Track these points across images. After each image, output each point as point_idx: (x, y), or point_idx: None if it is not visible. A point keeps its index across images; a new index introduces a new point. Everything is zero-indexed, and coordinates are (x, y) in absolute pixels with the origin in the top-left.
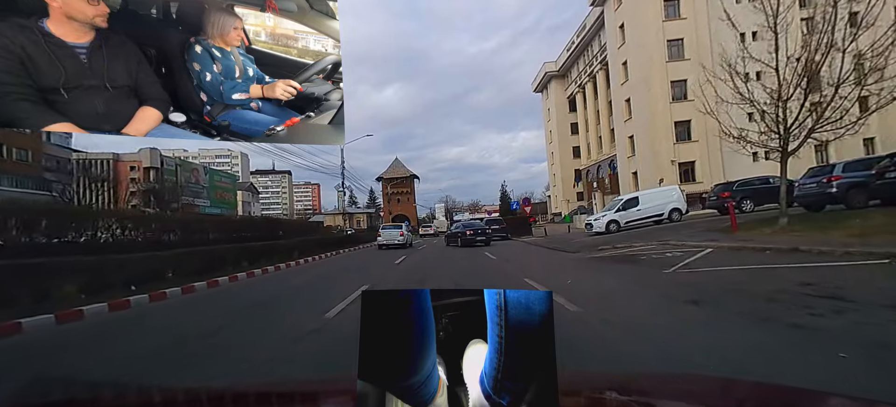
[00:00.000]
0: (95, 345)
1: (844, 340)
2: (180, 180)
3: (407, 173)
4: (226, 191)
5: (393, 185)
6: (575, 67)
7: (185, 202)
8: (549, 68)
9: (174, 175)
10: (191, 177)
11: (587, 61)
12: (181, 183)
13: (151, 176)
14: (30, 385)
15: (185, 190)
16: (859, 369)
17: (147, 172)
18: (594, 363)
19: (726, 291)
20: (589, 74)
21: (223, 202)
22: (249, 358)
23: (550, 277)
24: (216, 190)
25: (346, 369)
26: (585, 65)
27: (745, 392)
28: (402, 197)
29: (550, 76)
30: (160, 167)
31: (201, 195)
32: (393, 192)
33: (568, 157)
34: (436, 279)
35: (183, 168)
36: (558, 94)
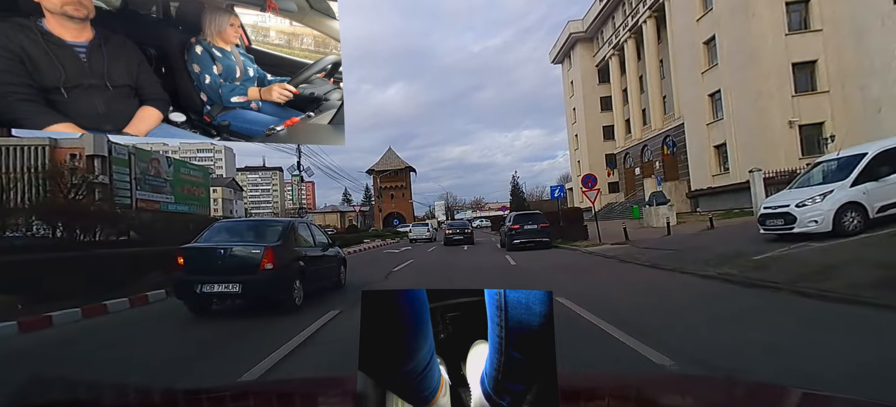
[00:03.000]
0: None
1: None
2: (134, 172)
3: (401, 165)
4: (195, 185)
5: (385, 179)
6: (609, 24)
7: (140, 198)
8: (575, 28)
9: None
10: (148, 168)
11: (628, 12)
12: (136, 175)
13: (96, 166)
14: (30, 385)
15: (141, 183)
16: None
17: (90, 161)
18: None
19: None
20: (631, 28)
21: (192, 198)
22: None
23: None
24: (182, 184)
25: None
26: (625, 17)
27: (745, 392)
28: (396, 192)
29: (575, 39)
30: (107, 155)
31: (162, 190)
32: (386, 187)
33: (597, 139)
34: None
35: (138, 157)
36: (585, 63)
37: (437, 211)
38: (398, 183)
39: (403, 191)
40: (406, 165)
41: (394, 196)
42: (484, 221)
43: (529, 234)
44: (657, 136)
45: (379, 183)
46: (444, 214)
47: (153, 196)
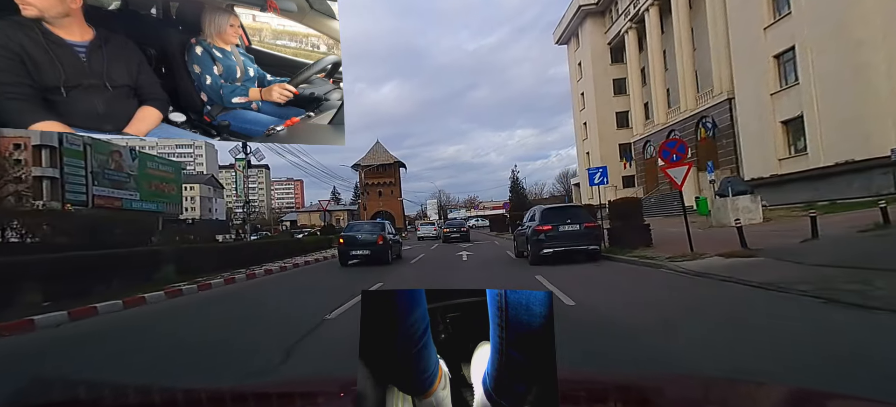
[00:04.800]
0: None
1: None
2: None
3: (390, 160)
4: (164, 181)
5: (372, 175)
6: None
7: (98, 194)
8: (585, 1)
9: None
10: (108, 161)
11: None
12: (93, 168)
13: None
14: (30, 385)
15: (98, 177)
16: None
17: (37, 153)
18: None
19: None
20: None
21: (161, 196)
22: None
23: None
24: (149, 179)
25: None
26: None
27: (745, 393)
28: (385, 189)
29: (585, 13)
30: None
31: (126, 185)
32: (373, 183)
33: (609, 127)
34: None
35: (95, 149)
36: (595, 40)
37: (430, 210)
38: (386, 179)
39: (392, 188)
40: (395, 160)
41: (382, 193)
42: (479, 221)
43: (569, 238)
44: (689, 118)
45: (365, 178)
46: (436, 214)
47: (114, 192)
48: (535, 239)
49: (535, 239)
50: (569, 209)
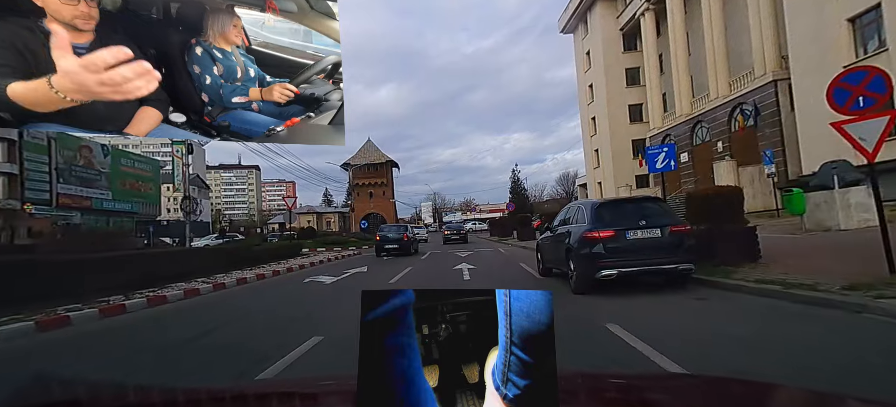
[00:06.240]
0: None
1: None
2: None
3: (382, 159)
4: (140, 180)
5: (363, 174)
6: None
7: (64, 192)
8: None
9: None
10: (76, 157)
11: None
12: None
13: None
14: (30, 385)
15: (64, 174)
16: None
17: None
18: None
19: None
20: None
21: (136, 196)
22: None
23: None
24: (123, 178)
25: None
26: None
27: (745, 393)
28: (376, 189)
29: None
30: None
31: (96, 184)
32: (363, 183)
33: (621, 122)
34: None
35: (61, 144)
36: (606, 26)
37: (424, 212)
38: (378, 179)
39: (384, 188)
40: (387, 159)
41: (373, 194)
42: (476, 224)
43: (646, 251)
44: (721, 106)
45: (354, 178)
46: (431, 217)
47: (84, 191)
48: (584, 252)
49: (584, 252)
50: (643, 204)
